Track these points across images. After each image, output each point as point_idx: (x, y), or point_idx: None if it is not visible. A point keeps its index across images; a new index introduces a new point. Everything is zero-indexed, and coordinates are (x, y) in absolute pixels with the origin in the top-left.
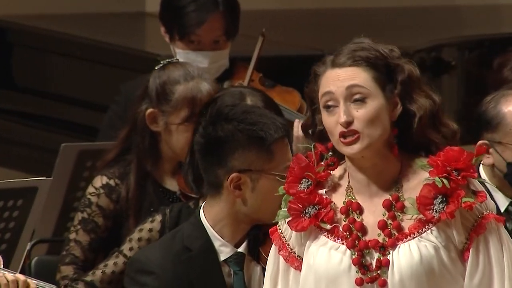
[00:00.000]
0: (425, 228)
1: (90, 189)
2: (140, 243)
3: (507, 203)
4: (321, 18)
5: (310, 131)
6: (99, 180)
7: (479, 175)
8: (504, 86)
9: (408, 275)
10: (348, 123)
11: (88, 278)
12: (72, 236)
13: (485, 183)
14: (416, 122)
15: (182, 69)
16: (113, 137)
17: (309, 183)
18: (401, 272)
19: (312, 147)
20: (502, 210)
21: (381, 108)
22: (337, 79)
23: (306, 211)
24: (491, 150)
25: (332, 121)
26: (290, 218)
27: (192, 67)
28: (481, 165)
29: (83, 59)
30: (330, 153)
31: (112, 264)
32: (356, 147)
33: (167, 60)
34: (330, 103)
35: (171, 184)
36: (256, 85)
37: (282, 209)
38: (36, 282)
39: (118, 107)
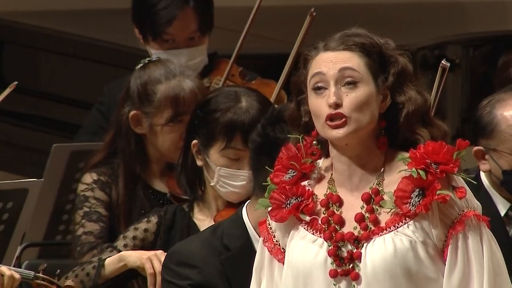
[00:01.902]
0: (402, 222)
1: (81, 187)
2: (135, 242)
3: (507, 208)
4: (319, 14)
5: (296, 123)
6: (89, 177)
7: (480, 180)
8: (501, 89)
9: (382, 268)
10: (337, 105)
11: (91, 260)
12: (80, 231)
13: (486, 188)
14: (403, 116)
15: (163, 68)
16: (97, 136)
17: (294, 173)
18: (374, 265)
19: (301, 138)
20: (502, 214)
21: (371, 95)
22: (330, 61)
23: (288, 202)
24: (486, 156)
25: (321, 103)
26: (270, 208)
27: (174, 64)
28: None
29: (76, 56)
30: (314, 142)
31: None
32: (342, 131)
33: (148, 59)
34: (320, 84)
35: (160, 186)
36: (236, 79)
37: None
38: (14, 270)
39: (103, 106)
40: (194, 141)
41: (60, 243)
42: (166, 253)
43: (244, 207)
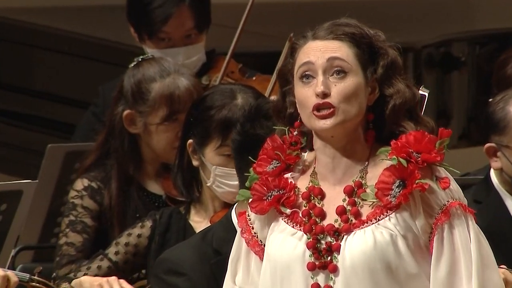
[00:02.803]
0: (383, 214)
1: (72, 193)
2: (127, 248)
3: None
4: (321, 10)
5: (280, 114)
6: (80, 183)
7: (490, 180)
8: (498, 88)
9: (361, 261)
10: (325, 95)
11: (70, 277)
12: (62, 240)
13: (496, 187)
14: (389, 108)
15: (157, 66)
16: (90, 139)
17: (278, 164)
18: (353, 258)
19: (286, 130)
20: None
21: (360, 86)
22: (318, 50)
23: (270, 194)
24: (498, 153)
25: (308, 93)
26: (251, 200)
27: (168, 62)
28: (491, 169)
29: (71, 54)
30: (295, 132)
31: (95, 267)
32: (329, 122)
33: (141, 57)
34: (308, 73)
35: (155, 187)
36: (236, 76)
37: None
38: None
39: (97, 108)
40: (190, 141)
41: (55, 246)
42: (123, 277)
43: (233, 209)
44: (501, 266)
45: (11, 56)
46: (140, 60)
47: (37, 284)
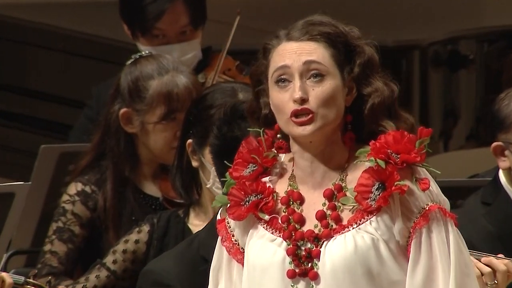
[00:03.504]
0: (364, 218)
1: (64, 197)
2: (125, 256)
3: None
4: (320, 6)
5: (255, 115)
6: (74, 187)
7: (499, 181)
8: (509, 87)
9: (341, 266)
10: (303, 100)
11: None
12: (47, 247)
13: (504, 187)
14: (368, 107)
15: (155, 63)
16: (85, 142)
17: (255, 167)
18: (333, 263)
19: (261, 132)
20: None
21: (337, 89)
22: (294, 52)
23: (247, 200)
24: (506, 152)
25: (284, 98)
26: (228, 205)
27: (167, 59)
28: (500, 169)
29: (66, 52)
30: (279, 135)
31: (94, 278)
32: (309, 128)
33: (139, 54)
34: (284, 77)
35: (152, 189)
36: (234, 74)
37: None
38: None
39: (90, 111)
40: (189, 141)
41: None
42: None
43: (219, 214)
44: (499, 255)
45: (3, 54)
46: (137, 57)
47: (32, 287)
